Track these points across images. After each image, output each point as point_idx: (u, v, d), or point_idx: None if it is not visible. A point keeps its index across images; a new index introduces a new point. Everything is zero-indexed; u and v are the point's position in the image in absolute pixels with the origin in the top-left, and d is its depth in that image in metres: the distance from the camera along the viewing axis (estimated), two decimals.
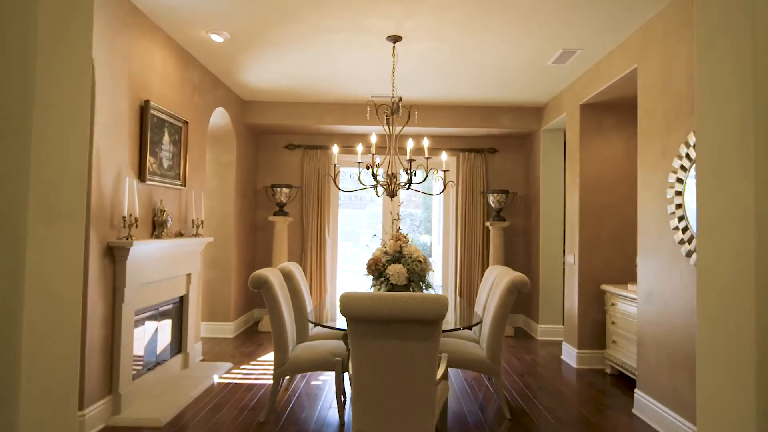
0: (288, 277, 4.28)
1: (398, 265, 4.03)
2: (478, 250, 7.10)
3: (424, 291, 4.11)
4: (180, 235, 4.59)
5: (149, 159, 4.06)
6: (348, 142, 7.03)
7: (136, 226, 3.74)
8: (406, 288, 4.10)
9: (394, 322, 2.58)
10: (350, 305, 2.57)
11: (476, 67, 5.16)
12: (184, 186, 4.71)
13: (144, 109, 3.99)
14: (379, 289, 4.05)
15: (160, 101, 4.27)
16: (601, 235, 5.29)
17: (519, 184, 7.30)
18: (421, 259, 4.16)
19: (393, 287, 4.05)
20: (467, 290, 7.10)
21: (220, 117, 6.02)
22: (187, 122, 4.73)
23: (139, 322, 4.01)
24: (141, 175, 3.96)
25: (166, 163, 4.38)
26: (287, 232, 6.96)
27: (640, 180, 4.03)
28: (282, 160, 7.32)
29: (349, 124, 6.66)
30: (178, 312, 4.76)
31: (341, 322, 3.63)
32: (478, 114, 6.70)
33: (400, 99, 4.17)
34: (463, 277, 7.11)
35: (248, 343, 6.04)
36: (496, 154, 7.33)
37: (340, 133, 7.08)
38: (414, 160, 3.97)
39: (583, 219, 5.30)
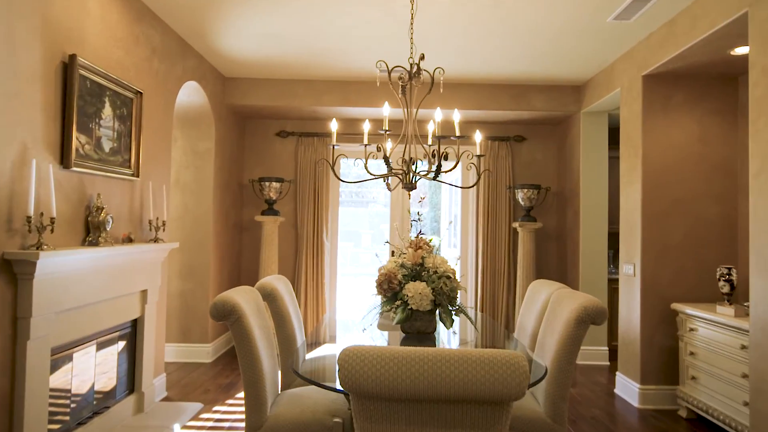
0: (270, 297, 3.18)
1: (420, 284, 2.94)
2: (504, 256, 6.00)
3: (453, 317, 3.02)
4: (129, 240, 3.49)
5: (78, 137, 2.96)
6: (350, 129, 5.93)
7: (52, 230, 2.64)
8: (430, 314, 3.01)
9: (435, 402, 1.49)
10: (356, 373, 1.47)
11: (508, 25, 4.05)
12: (137, 176, 3.61)
13: (69, 66, 2.89)
14: (393, 317, 2.96)
15: (96, 60, 3.17)
16: (669, 238, 4.19)
17: (550, 177, 6.19)
18: (450, 274, 3.08)
19: (413, 314, 2.96)
20: (490, 304, 6.00)
21: (194, 95, 4.92)
22: (141, 93, 3.63)
23: (62, 361, 2.91)
24: (64, 159, 2.86)
25: (107, 145, 3.28)
26: (278, 233, 5.86)
27: (754, 168, 2.92)
28: (272, 150, 6.22)
29: (351, 106, 5.56)
30: (129, 340, 3.66)
31: None
32: (506, 94, 5.60)
33: (422, 57, 3.07)
34: (486, 289, 6.00)
35: (228, 370, 4.94)
36: (524, 143, 6.22)
37: (341, 117, 5.96)
38: (444, 137, 2.87)
39: (646, 219, 4.20)
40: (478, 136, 3.34)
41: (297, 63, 5.04)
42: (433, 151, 2.96)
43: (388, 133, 2.95)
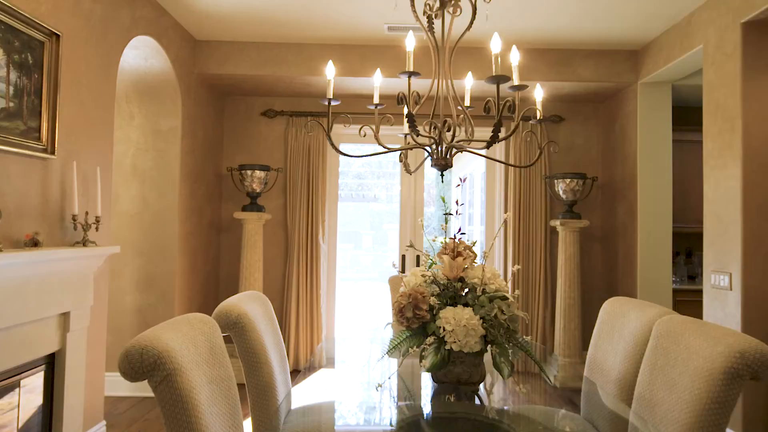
0: (236, 328, 2.11)
1: (464, 311, 1.89)
2: (539, 260, 4.94)
3: (511, 358, 1.95)
4: (34, 244, 2.43)
5: None
6: (351, 106, 4.88)
7: None
8: (477, 356, 1.95)
9: None
10: None
11: None
12: (52, 153, 2.55)
13: None
14: (421, 360, 1.91)
15: None
16: None
17: (593, 165, 5.14)
18: (507, 294, 2.02)
19: (450, 356, 1.91)
20: (522, 319, 4.93)
21: (153, 58, 3.87)
22: (58, 35, 2.58)
23: None
24: None
25: None
26: (263, 234, 4.81)
27: None
28: (257, 132, 5.16)
29: (355, 75, 4.49)
30: (45, 383, 2.60)
31: None
32: (545, 60, 4.53)
33: None
34: (517, 300, 4.94)
35: None
36: (562, 124, 5.16)
37: (339, 92, 4.89)
38: (508, 79, 1.81)
39: (749, 213, 3.15)
40: (539, 92, 2.30)
41: (285, 18, 3.98)
42: (487, 103, 1.90)
43: (412, 76, 1.90)
